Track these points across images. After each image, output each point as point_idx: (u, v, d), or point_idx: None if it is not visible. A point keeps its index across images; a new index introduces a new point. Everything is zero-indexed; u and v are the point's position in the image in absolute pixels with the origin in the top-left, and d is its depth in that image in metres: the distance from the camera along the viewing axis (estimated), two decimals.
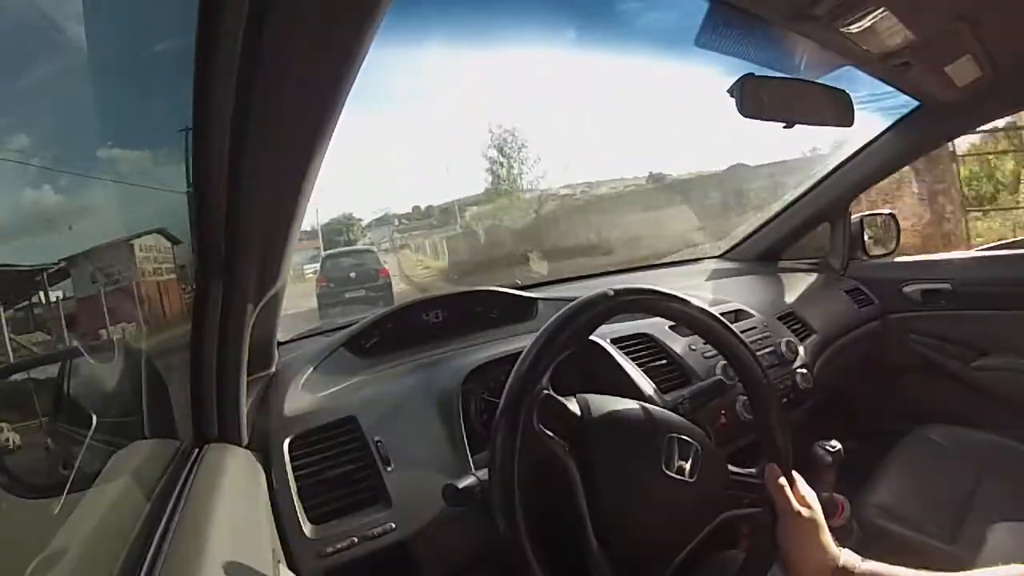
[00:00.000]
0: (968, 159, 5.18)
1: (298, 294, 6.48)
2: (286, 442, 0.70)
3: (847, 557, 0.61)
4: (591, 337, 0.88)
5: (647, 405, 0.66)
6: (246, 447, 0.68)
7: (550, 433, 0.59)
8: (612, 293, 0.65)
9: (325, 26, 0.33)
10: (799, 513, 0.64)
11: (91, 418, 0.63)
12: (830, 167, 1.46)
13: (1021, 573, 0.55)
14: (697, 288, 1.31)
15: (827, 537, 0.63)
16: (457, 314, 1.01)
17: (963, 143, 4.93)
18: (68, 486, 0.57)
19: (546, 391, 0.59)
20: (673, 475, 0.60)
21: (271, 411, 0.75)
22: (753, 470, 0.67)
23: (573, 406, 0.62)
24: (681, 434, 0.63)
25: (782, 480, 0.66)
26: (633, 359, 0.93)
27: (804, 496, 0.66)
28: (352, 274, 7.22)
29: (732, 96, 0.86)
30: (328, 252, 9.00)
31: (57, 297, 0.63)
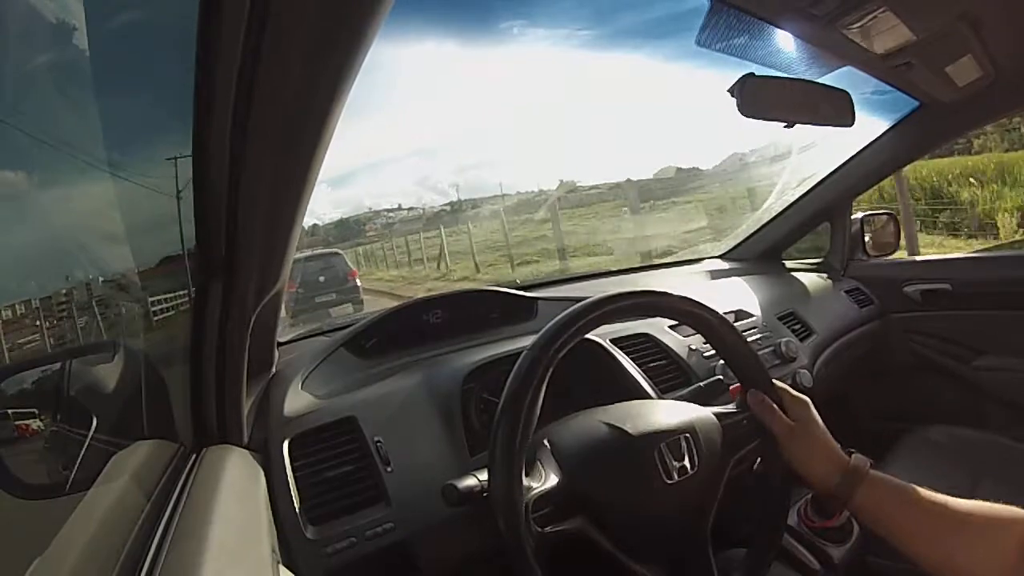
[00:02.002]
0: None
1: None
2: (286, 443, 0.70)
3: (857, 460, 0.61)
4: (592, 337, 0.88)
5: (622, 426, 0.63)
6: (246, 448, 0.68)
7: (551, 528, 0.57)
8: (613, 296, 0.65)
9: (326, 26, 0.33)
10: (792, 426, 0.64)
11: (91, 419, 0.63)
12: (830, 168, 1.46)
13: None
14: (697, 288, 1.31)
15: (829, 440, 0.64)
16: (457, 314, 1.01)
17: None
18: (68, 486, 0.57)
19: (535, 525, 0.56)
20: (676, 479, 0.60)
21: (271, 412, 0.75)
22: (732, 406, 0.69)
23: (551, 479, 0.59)
24: (669, 438, 0.62)
25: (766, 400, 0.66)
26: (633, 359, 0.93)
27: (795, 406, 0.66)
28: (321, 278, 7.04)
29: (733, 96, 0.86)
30: (295, 256, 8.89)
31: (56, 298, 0.63)
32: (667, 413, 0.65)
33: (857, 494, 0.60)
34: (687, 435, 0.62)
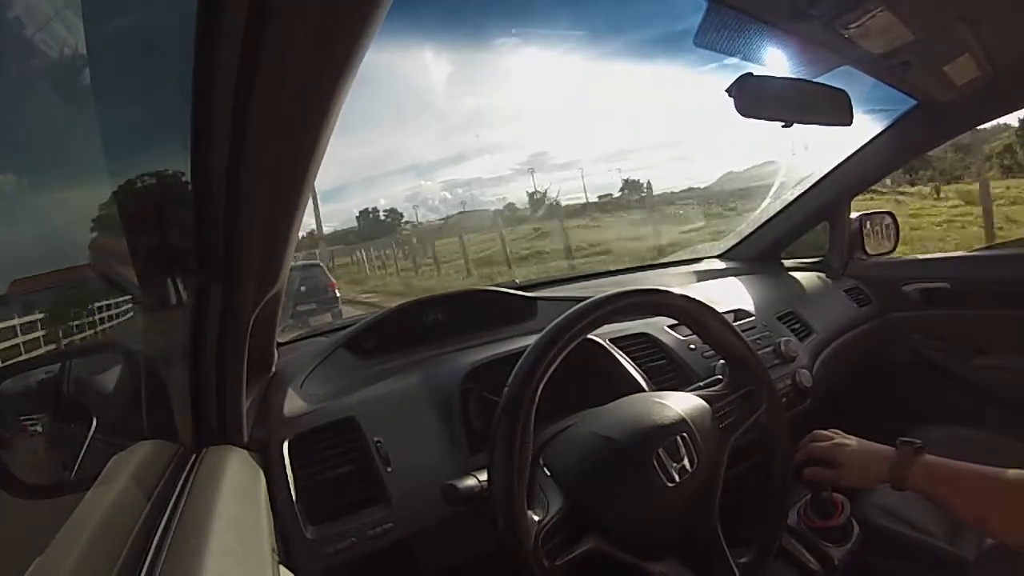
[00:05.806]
0: None
1: None
2: (286, 443, 0.70)
3: (901, 451, 0.71)
4: (592, 337, 0.89)
5: (614, 436, 0.62)
6: (246, 448, 0.68)
7: (563, 559, 0.56)
8: (615, 296, 0.65)
9: (325, 26, 0.33)
10: (843, 465, 0.75)
11: (91, 419, 0.63)
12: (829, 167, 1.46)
13: None
14: (696, 288, 1.31)
15: (866, 448, 0.76)
16: (457, 314, 1.01)
17: None
18: (68, 487, 0.57)
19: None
20: (678, 480, 0.60)
21: (270, 412, 0.75)
22: (721, 387, 0.72)
23: (554, 507, 0.58)
24: (665, 440, 0.61)
25: (818, 471, 0.77)
26: (633, 359, 0.93)
27: (830, 450, 0.77)
28: (302, 288, 6.98)
29: (731, 96, 0.86)
30: None
31: (55, 299, 0.63)
32: (658, 410, 0.65)
33: (908, 478, 0.69)
34: (683, 433, 0.62)
